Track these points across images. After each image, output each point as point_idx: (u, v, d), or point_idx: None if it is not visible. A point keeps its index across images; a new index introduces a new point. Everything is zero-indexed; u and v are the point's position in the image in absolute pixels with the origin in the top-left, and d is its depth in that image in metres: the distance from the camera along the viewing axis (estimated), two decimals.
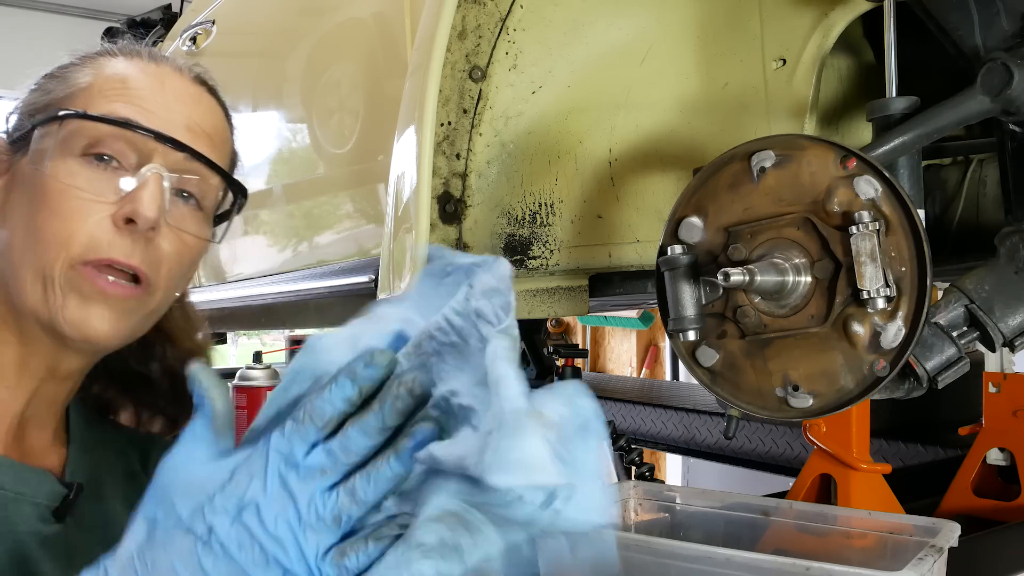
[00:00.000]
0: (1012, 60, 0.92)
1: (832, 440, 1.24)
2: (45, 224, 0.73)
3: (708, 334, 0.99)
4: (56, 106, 0.77)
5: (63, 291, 0.73)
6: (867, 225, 0.85)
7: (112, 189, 0.75)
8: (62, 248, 0.73)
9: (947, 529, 0.92)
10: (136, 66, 0.80)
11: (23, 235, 0.74)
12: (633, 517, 1.14)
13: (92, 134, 0.75)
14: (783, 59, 1.23)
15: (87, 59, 0.82)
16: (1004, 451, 1.40)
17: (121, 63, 0.80)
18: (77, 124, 0.75)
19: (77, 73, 0.80)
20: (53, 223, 0.73)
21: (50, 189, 0.74)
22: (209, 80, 0.85)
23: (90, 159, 0.75)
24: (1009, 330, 0.97)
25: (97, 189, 0.74)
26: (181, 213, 0.79)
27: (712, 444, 2.31)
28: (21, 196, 0.76)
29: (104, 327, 0.74)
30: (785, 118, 1.24)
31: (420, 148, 1.15)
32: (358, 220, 1.75)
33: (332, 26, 1.83)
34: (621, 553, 0.92)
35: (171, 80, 0.81)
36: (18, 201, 0.76)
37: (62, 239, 0.73)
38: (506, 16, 1.19)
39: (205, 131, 0.80)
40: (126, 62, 0.81)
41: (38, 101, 0.80)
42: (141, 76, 0.79)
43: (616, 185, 1.33)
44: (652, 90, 1.31)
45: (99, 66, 0.80)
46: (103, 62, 0.81)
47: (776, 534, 1.06)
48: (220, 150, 0.83)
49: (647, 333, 4.78)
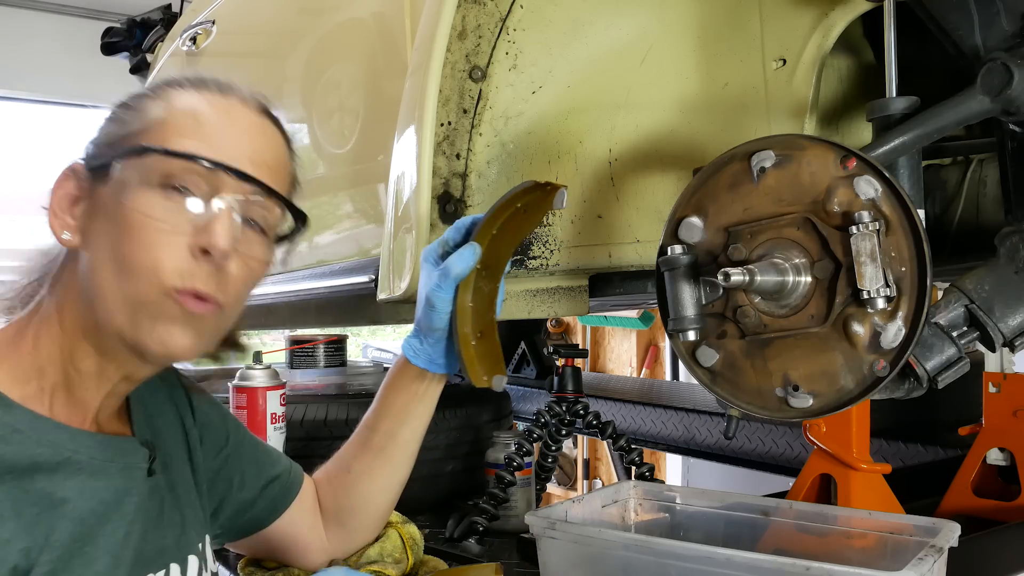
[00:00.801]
0: (1012, 60, 0.92)
1: (832, 440, 1.24)
2: (131, 254, 0.81)
3: (708, 334, 0.99)
4: (134, 139, 0.84)
5: (151, 316, 0.82)
6: (867, 225, 0.85)
7: (188, 220, 0.82)
8: (150, 277, 0.81)
9: (947, 529, 0.92)
10: (206, 100, 0.87)
11: (109, 262, 0.82)
12: (633, 517, 1.14)
13: (169, 168, 0.82)
14: (783, 59, 1.23)
15: (159, 90, 0.88)
16: (1004, 451, 1.40)
17: (192, 96, 0.87)
18: (156, 159, 0.82)
19: (150, 105, 0.86)
20: (138, 253, 0.81)
21: (133, 220, 0.81)
22: (271, 109, 0.92)
23: (167, 190, 0.82)
24: (1009, 330, 0.97)
25: (175, 220, 0.82)
26: (248, 239, 0.87)
27: (712, 444, 2.31)
28: (104, 224, 0.83)
29: (186, 345, 0.84)
30: (785, 118, 1.24)
31: (420, 148, 1.15)
32: (358, 220, 1.75)
33: (332, 26, 1.83)
34: (621, 553, 0.92)
35: (238, 113, 0.88)
36: (101, 229, 0.83)
37: (149, 269, 0.81)
38: (506, 16, 1.19)
39: (267, 162, 0.88)
40: (196, 95, 0.87)
41: (116, 132, 0.85)
42: (211, 111, 0.86)
43: (616, 185, 1.33)
44: (652, 90, 1.31)
45: (171, 99, 0.86)
46: (174, 94, 0.87)
47: (776, 534, 1.06)
48: (281, 177, 0.91)
49: (647, 333, 4.78)
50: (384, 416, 1.12)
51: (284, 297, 1.92)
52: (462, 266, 1.01)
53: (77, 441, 0.82)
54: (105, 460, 0.84)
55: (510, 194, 1.01)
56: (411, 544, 1.22)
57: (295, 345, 1.98)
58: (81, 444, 0.82)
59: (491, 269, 1.05)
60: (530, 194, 1.00)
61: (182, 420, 1.01)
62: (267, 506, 1.10)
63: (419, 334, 1.06)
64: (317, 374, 1.94)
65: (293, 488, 1.13)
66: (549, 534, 0.97)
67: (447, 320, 1.03)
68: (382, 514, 1.17)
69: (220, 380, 1.40)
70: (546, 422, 1.69)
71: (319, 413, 1.65)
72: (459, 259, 1.01)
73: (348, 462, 1.14)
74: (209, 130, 0.85)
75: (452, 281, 1.01)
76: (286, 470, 1.13)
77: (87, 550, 0.79)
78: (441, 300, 1.02)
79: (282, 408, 1.44)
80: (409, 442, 1.13)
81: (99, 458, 0.84)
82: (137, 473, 0.88)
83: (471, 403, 1.74)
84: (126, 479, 0.86)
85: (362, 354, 4.40)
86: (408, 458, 1.14)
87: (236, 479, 1.07)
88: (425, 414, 1.12)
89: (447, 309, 1.02)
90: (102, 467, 0.84)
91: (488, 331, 1.06)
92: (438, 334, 1.05)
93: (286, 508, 1.12)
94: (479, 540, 1.43)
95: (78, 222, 0.84)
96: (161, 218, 0.81)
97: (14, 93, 5.59)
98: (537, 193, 1.00)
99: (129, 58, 3.16)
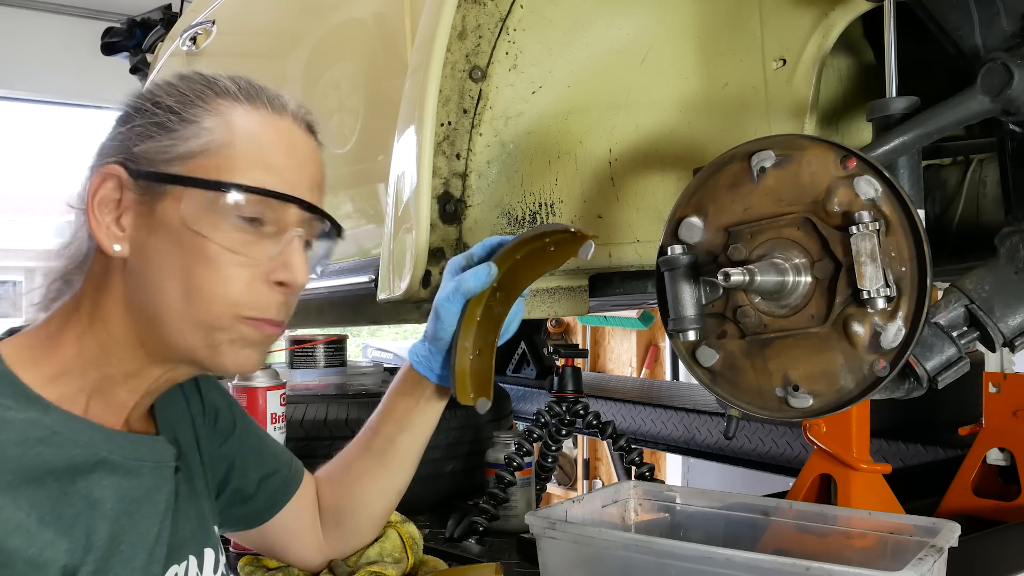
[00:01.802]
0: (1012, 60, 0.92)
1: (832, 440, 1.24)
2: (207, 282, 0.82)
3: (708, 334, 0.99)
4: (197, 160, 0.83)
5: (230, 340, 0.85)
6: (867, 225, 0.85)
7: (263, 252, 0.85)
8: (227, 306, 0.83)
9: (947, 529, 0.92)
10: (266, 122, 0.86)
11: (176, 283, 0.82)
12: (633, 517, 1.14)
13: (242, 200, 0.83)
14: (783, 59, 1.23)
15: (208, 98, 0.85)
16: (1004, 451, 1.40)
17: (250, 117, 0.86)
18: (232, 191, 0.82)
19: (206, 119, 0.84)
20: (216, 283, 0.82)
21: (207, 250, 0.82)
22: (315, 126, 0.93)
23: (241, 221, 0.83)
24: (1009, 330, 0.97)
25: (252, 253, 0.84)
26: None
27: (712, 444, 2.31)
28: (168, 245, 0.83)
29: (258, 362, 0.88)
30: (785, 118, 1.24)
31: (420, 148, 1.15)
32: (358, 220, 1.75)
33: (332, 26, 1.83)
34: (621, 553, 0.92)
35: (297, 138, 0.89)
36: (164, 249, 0.83)
37: (227, 299, 0.83)
38: (506, 16, 1.19)
39: (319, 184, 0.91)
40: (255, 115, 0.86)
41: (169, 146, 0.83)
42: (274, 136, 0.86)
43: (616, 185, 1.33)
44: (652, 90, 1.31)
45: (228, 116, 0.85)
46: (230, 111, 0.85)
47: (776, 534, 1.06)
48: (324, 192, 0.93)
49: (647, 333, 4.78)
50: (386, 420, 1.12)
51: None
52: (475, 283, 1.03)
53: (111, 441, 0.83)
54: (138, 459, 0.85)
55: (541, 229, 1.02)
56: (411, 544, 1.22)
57: (295, 345, 1.97)
58: (115, 444, 0.83)
59: (506, 292, 1.06)
60: (561, 235, 1.00)
61: (189, 407, 1.02)
62: (267, 499, 1.10)
63: (425, 342, 1.08)
64: (317, 374, 1.93)
65: (293, 483, 1.13)
66: (549, 534, 0.97)
67: (451, 331, 1.04)
68: (378, 518, 1.17)
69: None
70: (546, 422, 1.69)
71: (319, 413, 1.65)
72: (473, 276, 1.03)
73: (349, 462, 1.15)
74: (275, 160, 0.85)
75: (462, 295, 1.03)
76: (287, 465, 1.13)
77: (123, 548, 0.80)
78: (448, 311, 1.04)
79: (282, 408, 1.44)
80: (409, 449, 1.13)
81: (132, 457, 0.85)
82: (166, 471, 0.89)
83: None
84: (156, 477, 0.87)
85: (362, 354, 4.40)
86: (407, 466, 1.14)
87: (238, 468, 1.07)
88: (426, 424, 1.13)
89: (453, 321, 1.04)
90: (135, 466, 0.85)
91: (486, 351, 1.07)
92: (441, 344, 1.06)
93: (286, 503, 1.12)
94: (479, 540, 1.43)
95: (128, 233, 0.83)
96: (238, 251, 0.83)
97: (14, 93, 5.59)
98: (567, 236, 1.00)
99: (129, 58, 3.16)
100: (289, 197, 0.85)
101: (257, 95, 0.88)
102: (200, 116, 0.84)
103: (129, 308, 0.84)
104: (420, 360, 1.09)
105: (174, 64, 2.53)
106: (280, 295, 0.86)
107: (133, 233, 0.83)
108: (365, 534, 1.17)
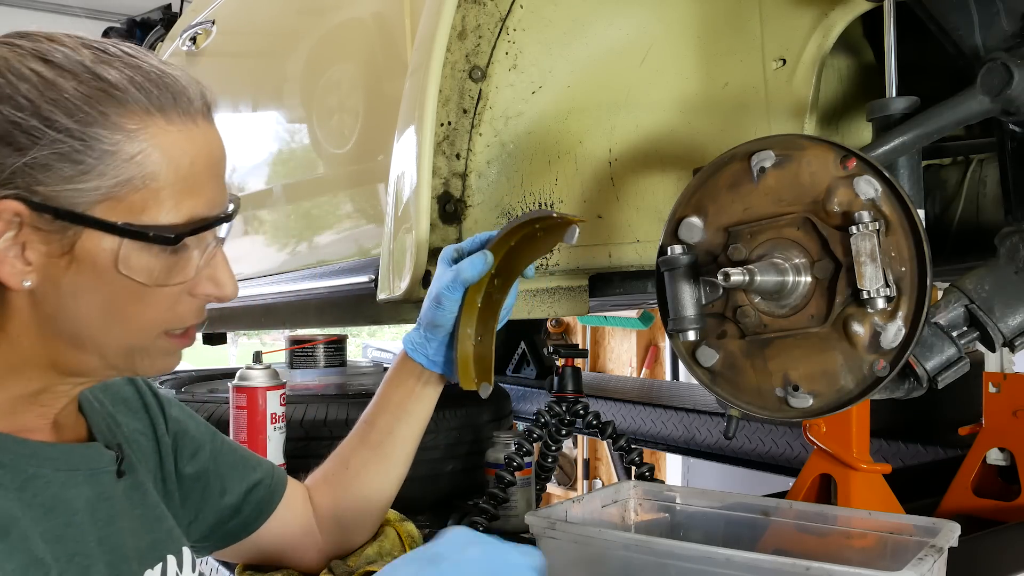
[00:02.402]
0: (1012, 60, 0.92)
1: (832, 440, 1.24)
2: (134, 313, 0.79)
3: (708, 334, 0.99)
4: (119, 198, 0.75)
5: (150, 355, 0.82)
6: (867, 225, 0.85)
7: (189, 272, 0.80)
8: (153, 329, 0.81)
9: (947, 529, 0.92)
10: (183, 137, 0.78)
11: (101, 315, 0.78)
12: (633, 517, 1.14)
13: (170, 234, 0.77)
14: (783, 59, 1.23)
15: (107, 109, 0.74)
16: (1004, 451, 1.40)
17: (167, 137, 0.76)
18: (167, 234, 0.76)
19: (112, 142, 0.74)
20: (143, 313, 0.79)
21: (138, 288, 0.78)
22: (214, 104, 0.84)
23: (167, 252, 0.78)
24: (1009, 330, 0.97)
25: (179, 278, 0.80)
26: None
27: (712, 444, 2.31)
28: (91, 280, 0.76)
29: (175, 364, 0.86)
30: (785, 118, 1.24)
31: (420, 148, 1.15)
32: (358, 220, 1.75)
33: (332, 26, 1.83)
34: (621, 553, 0.92)
35: (211, 142, 0.81)
36: (87, 284, 0.76)
37: (154, 324, 0.80)
38: (506, 16, 1.19)
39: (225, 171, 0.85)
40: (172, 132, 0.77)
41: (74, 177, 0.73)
42: (194, 154, 0.78)
43: (616, 185, 1.33)
44: (652, 90, 1.31)
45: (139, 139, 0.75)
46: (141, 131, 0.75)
47: (776, 534, 1.06)
48: None
49: (647, 333, 4.78)
50: (382, 411, 1.13)
51: (284, 297, 1.92)
52: (473, 271, 1.05)
53: (39, 456, 0.79)
54: (71, 470, 0.82)
55: (532, 215, 1.05)
56: (409, 542, 1.22)
57: (295, 345, 1.98)
58: (44, 458, 0.79)
59: (503, 279, 1.10)
60: (548, 221, 1.04)
61: (154, 428, 1.00)
62: (253, 511, 1.09)
63: (421, 330, 1.09)
64: (317, 374, 1.94)
65: (278, 491, 1.12)
66: (549, 534, 0.97)
67: (452, 319, 1.07)
68: (379, 512, 1.17)
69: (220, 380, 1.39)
70: (546, 422, 1.69)
71: (319, 413, 1.65)
72: (471, 264, 1.05)
73: (346, 458, 1.15)
74: (199, 181, 0.79)
75: (462, 284, 1.05)
76: (269, 474, 1.12)
77: (78, 560, 0.78)
78: (449, 299, 1.06)
79: (282, 408, 1.44)
80: (406, 440, 1.13)
81: (64, 469, 0.81)
82: (106, 477, 0.86)
83: (471, 403, 1.74)
84: (95, 485, 0.84)
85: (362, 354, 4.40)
86: (405, 456, 1.14)
87: (217, 486, 1.06)
88: (422, 413, 1.13)
89: (454, 308, 1.06)
90: (69, 478, 0.81)
91: (487, 337, 1.09)
92: (440, 332, 1.08)
93: (272, 511, 1.11)
94: None
95: (36, 265, 0.75)
96: (167, 283, 0.79)
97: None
98: (554, 221, 1.04)
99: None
100: (221, 219, 0.81)
101: (165, 99, 0.77)
102: (109, 141, 0.74)
103: (42, 333, 0.78)
104: (415, 347, 1.10)
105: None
106: (201, 301, 0.83)
107: (43, 265, 0.75)
108: (366, 530, 1.17)
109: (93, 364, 0.81)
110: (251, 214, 2.15)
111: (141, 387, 1.02)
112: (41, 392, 0.82)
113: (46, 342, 0.79)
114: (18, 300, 0.77)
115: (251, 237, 2.21)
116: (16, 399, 0.81)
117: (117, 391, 0.98)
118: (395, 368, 1.14)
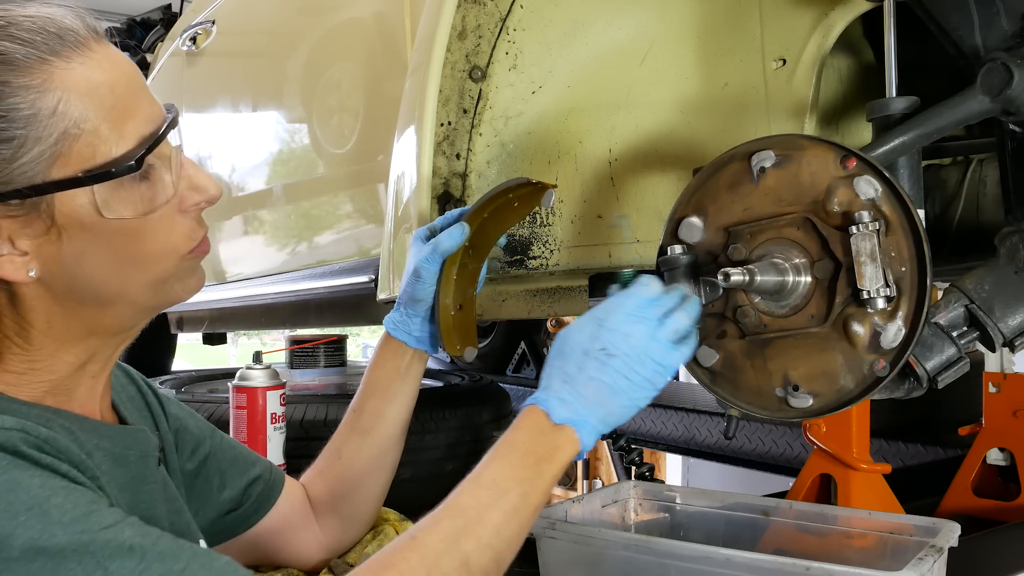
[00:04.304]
0: (1012, 60, 0.92)
1: (832, 440, 1.24)
2: (144, 250, 0.81)
3: (708, 334, 0.99)
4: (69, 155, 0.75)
5: (179, 279, 0.85)
6: (867, 225, 0.85)
7: (168, 190, 0.82)
8: (168, 257, 0.83)
9: (947, 529, 0.92)
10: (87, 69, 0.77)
11: (115, 267, 0.80)
12: (633, 517, 1.14)
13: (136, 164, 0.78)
14: (783, 59, 1.23)
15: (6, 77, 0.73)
16: (1004, 451, 1.40)
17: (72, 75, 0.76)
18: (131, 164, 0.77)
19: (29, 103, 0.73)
20: (152, 246, 0.81)
21: (132, 224, 0.79)
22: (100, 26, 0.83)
23: (141, 182, 0.79)
24: (1009, 330, 0.97)
25: (161, 198, 0.81)
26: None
27: (712, 444, 2.31)
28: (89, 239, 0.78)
29: (203, 278, 0.88)
30: (785, 118, 1.24)
31: (420, 148, 1.15)
32: (358, 220, 1.75)
33: (332, 26, 1.83)
34: (621, 553, 0.92)
35: (113, 59, 0.80)
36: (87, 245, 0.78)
37: (167, 252, 0.82)
38: (506, 16, 1.19)
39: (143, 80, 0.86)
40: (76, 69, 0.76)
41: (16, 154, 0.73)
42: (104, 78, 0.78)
43: (616, 185, 1.33)
44: (652, 90, 1.31)
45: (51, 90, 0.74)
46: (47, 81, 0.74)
47: (776, 534, 1.06)
48: None
49: None
50: (370, 396, 1.14)
51: (284, 297, 1.92)
52: (451, 242, 1.07)
53: (99, 433, 0.83)
54: (125, 448, 0.86)
55: (504, 186, 1.08)
56: None
57: (295, 345, 1.98)
58: (104, 435, 0.84)
59: (477, 249, 1.12)
60: (523, 189, 1.07)
61: (156, 425, 1.01)
62: (252, 505, 1.10)
63: (401, 307, 1.11)
64: (317, 374, 1.94)
65: (276, 487, 1.13)
66: (549, 534, 0.97)
67: (431, 291, 1.09)
68: (376, 499, 1.17)
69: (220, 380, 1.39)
70: None
71: (319, 413, 1.65)
72: (448, 236, 1.07)
73: (339, 448, 1.15)
74: (125, 102, 0.78)
75: (440, 255, 1.07)
76: (267, 470, 1.14)
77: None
78: (428, 271, 1.08)
79: (282, 408, 1.44)
80: (396, 422, 1.14)
81: (120, 448, 0.85)
82: (151, 461, 0.89)
83: (471, 403, 1.74)
84: (142, 467, 0.87)
85: (362, 354, 4.40)
86: (396, 439, 1.15)
87: (216, 481, 1.07)
88: (408, 393, 1.14)
89: (433, 280, 1.08)
90: (122, 455, 0.85)
91: (467, 305, 1.12)
92: (420, 306, 1.10)
93: (271, 506, 1.12)
94: None
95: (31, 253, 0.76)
96: (154, 208, 0.81)
97: None
98: (529, 189, 1.07)
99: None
100: (167, 127, 0.81)
101: (52, 42, 0.76)
102: (25, 105, 0.73)
103: (67, 310, 0.81)
104: (397, 326, 1.11)
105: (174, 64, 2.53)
106: (197, 211, 0.85)
107: (37, 248, 0.76)
108: (364, 519, 1.17)
109: (127, 314, 0.84)
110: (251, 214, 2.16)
111: (142, 386, 1.02)
112: (88, 362, 0.85)
113: (75, 316, 0.81)
114: (31, 292, 0.79)
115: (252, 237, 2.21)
116: (67, 378, 0.83)
117: (122, 389, 0.99)
118: (378, 352, 1.15)
